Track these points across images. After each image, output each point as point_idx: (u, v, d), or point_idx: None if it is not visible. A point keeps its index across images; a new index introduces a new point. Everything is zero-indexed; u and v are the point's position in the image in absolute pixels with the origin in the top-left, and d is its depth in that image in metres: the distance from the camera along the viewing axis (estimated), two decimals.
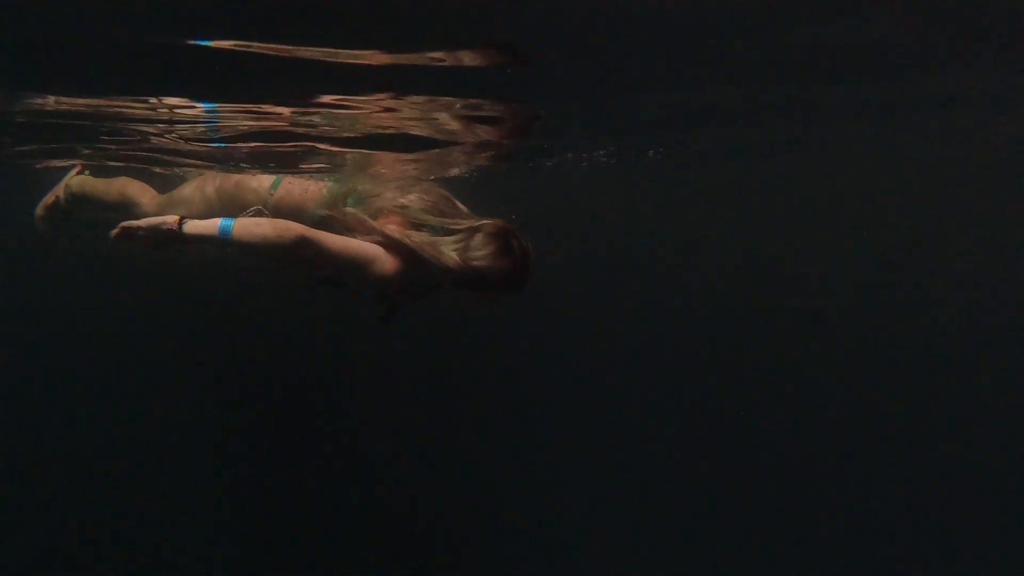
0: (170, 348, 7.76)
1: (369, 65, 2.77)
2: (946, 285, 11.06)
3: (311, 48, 2.56)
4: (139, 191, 3.79)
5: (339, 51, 2.60)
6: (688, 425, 9.19)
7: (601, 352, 9.82)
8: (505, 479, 8.13)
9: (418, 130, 3.92)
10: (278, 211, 3.35)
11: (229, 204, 3.50)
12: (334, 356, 7.91)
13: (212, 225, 2.55)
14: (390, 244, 2.85)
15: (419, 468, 7.81)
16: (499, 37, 2.59)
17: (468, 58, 2.74)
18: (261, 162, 4.68)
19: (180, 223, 2.54)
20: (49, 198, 4.22)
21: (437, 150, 4.50)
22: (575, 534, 7.89)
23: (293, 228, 2.56)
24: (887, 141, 6.25)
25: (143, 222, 2.55)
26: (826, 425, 9.42)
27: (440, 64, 2.79)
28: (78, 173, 4.27)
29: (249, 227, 2.54)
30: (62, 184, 4.13)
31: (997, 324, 10.58)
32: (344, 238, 2.80)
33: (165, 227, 2.52)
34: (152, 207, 3.69)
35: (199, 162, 4.73)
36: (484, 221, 2.89)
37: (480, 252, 2.80)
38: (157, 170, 4.94)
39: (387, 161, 4.77)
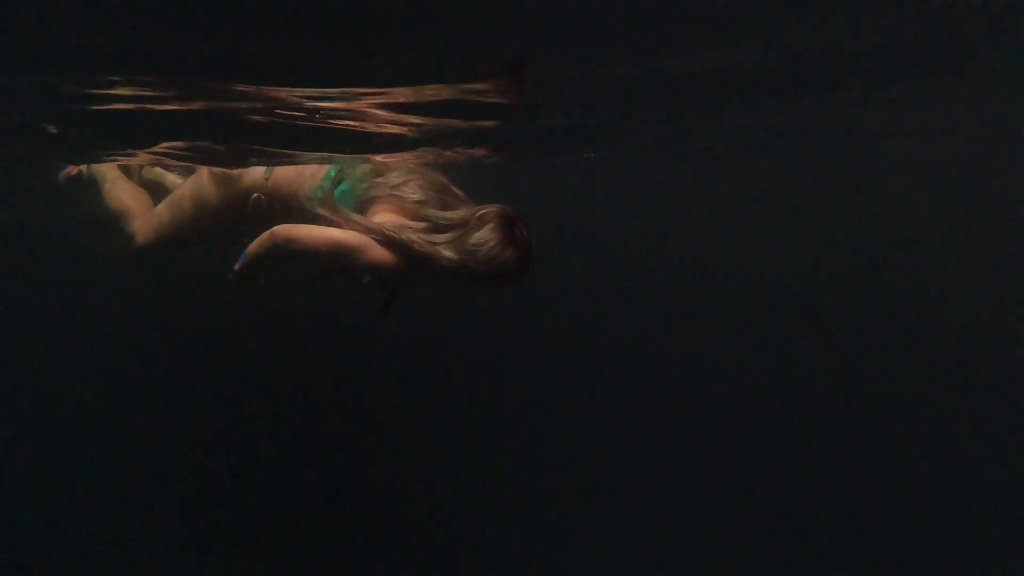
0: (165, 347, 7.74)
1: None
2: (941, 285, 11.06)
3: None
4: (134, 206, 3.81)
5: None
6: (687, 426, 9.16)
7: (599, 353, 9.79)
8: (501, 480, 8.08)
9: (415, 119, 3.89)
10: (275, 195, 3.41)
11: (222, 199, 3.51)
12: (329, 356, 7.88)
13: (241, 258, 3.04)
14: (385, 241, 2.85)
15: (414, 469, 7.75)
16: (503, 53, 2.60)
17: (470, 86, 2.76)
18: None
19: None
20: (72, 168, 4.30)
21: (437, 148, 4.51)
22: (574, 537, 7.86)
23: (274, 231, 2.87)
24: (883, 138, 6.27)
25: (232, 282, 3.06)
26: (826, 427, 9.38)
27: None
28: None
29: (252, 245, 2.95)
30: None
31: (994, 324, 10.55)
32: (328, 229, 2.89)
33: (237, 272, 3.03)
34: (140, 223, 3.72)
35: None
36: (484, 210, 2.86)
37: (482, 249, 2.79)
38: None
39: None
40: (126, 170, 4.33)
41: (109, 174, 4.12)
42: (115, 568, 6.63)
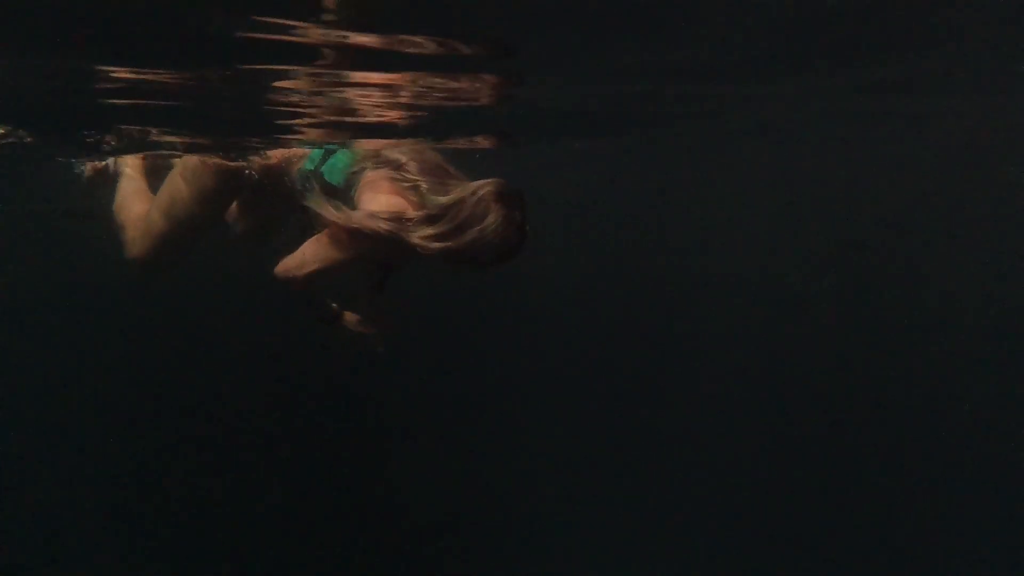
0: (164, 344, 7.69)
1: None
2: (942, 281, 10.96)
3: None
4: (131, 213, 3.70)
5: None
6: (683, 424, 9.11)
7: (598, 350, 9.73)
8: (500, 479, 8.04)
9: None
10: (267, 173, 3.39)
11: (212, 182, 3.45)
12: (326, 355, 7.78)
13: None
14: (373, 234, 2.81)
15: (414, 467, 7.70)
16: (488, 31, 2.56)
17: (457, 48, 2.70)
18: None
19: None
20: (99, 162, 4.24)
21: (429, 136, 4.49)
22: (574, 537, 7.83)
23: (274, 275, 3.02)
24: (882, 128, 6.23)
25: (316, 320, 3.29)
26: (828, 425, 9.34)
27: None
28: None
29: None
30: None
31: (994, 321, 10.46)
32: (310, 244, 2.96)
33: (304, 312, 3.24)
34: (131, 231, 3.65)
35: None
36: (481, 192, 2.73)
37: (480, 239, 2.69)
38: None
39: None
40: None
41: (125, 172, 4.03)
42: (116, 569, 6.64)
